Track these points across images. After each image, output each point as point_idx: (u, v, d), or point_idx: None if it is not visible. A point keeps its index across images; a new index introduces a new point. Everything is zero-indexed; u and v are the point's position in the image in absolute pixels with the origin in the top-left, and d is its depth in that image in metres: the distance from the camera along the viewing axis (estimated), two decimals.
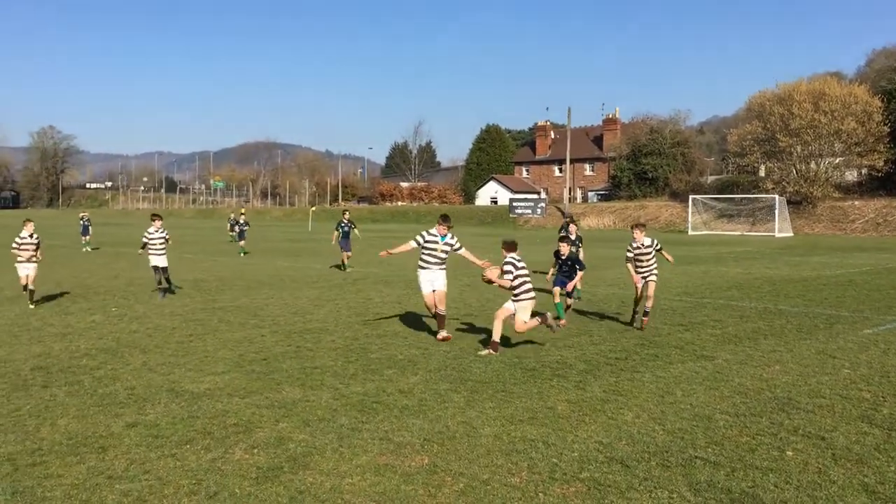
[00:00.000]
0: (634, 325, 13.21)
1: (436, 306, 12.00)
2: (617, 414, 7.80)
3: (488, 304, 15.82)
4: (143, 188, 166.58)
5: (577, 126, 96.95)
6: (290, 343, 11.53)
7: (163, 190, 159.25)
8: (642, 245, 13.21)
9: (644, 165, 76.38)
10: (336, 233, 25.50)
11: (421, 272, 12.16)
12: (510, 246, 11.27)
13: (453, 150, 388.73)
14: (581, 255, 16.28)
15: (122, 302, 16.03)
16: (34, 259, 15.92)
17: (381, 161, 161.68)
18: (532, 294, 10.89)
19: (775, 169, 64.13)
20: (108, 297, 16.72)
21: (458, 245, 12.28)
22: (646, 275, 13.11)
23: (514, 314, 10.84)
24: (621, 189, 79.67)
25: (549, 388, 8.84)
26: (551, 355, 10.74)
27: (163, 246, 17.24)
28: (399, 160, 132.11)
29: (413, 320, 13.81)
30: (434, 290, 12.02)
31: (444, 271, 12.22)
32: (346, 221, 25.59)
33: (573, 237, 16.47)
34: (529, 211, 74.98)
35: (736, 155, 69.27)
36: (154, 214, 17.88)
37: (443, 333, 11.89)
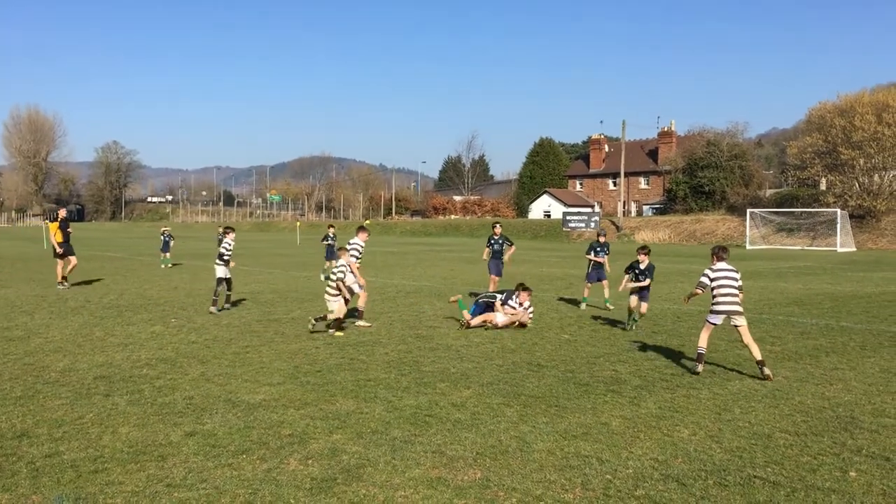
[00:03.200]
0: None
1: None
2: (673, 431, 7.69)
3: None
4: (202, 202, 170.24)
5: (632, 139, 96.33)
6: (344, 355, 11.63)
7: (221, 203, 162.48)
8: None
9: (700, 179, 75.37)
10: (487, 250, 20.01)
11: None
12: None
13: (506, 163, 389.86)
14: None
15: (182, 313, 16.36)
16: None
17: (435, 175, 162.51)
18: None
19: (837, 182, 62.65)
20: (167, 309, 17.09)
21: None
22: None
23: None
24: (677, 203, 78.72)
25: (603, 404, 8.75)
26: (605, 370, 10.64)
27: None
28: (452, 174, 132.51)
29: (466, 334, 13.81)
30: None
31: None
32: (497, 237, 19.88)
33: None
34: (583, 225, 74.42)
35: (796, 168, 67.93)
36: (228, 227, 17.96)
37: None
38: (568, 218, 76.36)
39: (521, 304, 14.67)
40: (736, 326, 10.56)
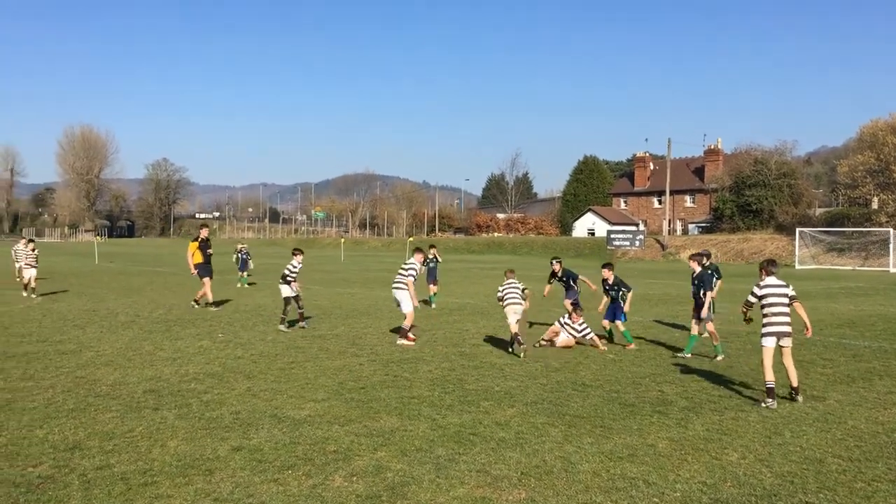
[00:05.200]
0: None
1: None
2: (721, 454, 7.55)
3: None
4: (248, 218, 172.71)
5: (678, 157, 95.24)
6: (388, 372, 11.67)
7: (266, 220, 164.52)
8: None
9: (748, 197, 74.19)
10: (605, 298, 15.17)
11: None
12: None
13: (550, 181, 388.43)
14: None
15: (228, 328, 16.58)
16: None
17: (478, 192, 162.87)
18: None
19: (889, 201, 61.21)
20: (214, 324, 17.33)
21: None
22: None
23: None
24: (723, 221, 77.57)
25: (650, 425, 8.64)
26: (651, 391, 10.51)
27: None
28: (496, 191, 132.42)
29: (509, 352, 13.75)
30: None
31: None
32: (613, 280, 15.00)
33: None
34: (628, 243, 73.82)
35: (846, 186, 66.66)
36: (296, 249, 17.82)
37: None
38: (612, 236, 75.80)
39: (575, 325, 14.60)
40: (781, 347, 10.10)
